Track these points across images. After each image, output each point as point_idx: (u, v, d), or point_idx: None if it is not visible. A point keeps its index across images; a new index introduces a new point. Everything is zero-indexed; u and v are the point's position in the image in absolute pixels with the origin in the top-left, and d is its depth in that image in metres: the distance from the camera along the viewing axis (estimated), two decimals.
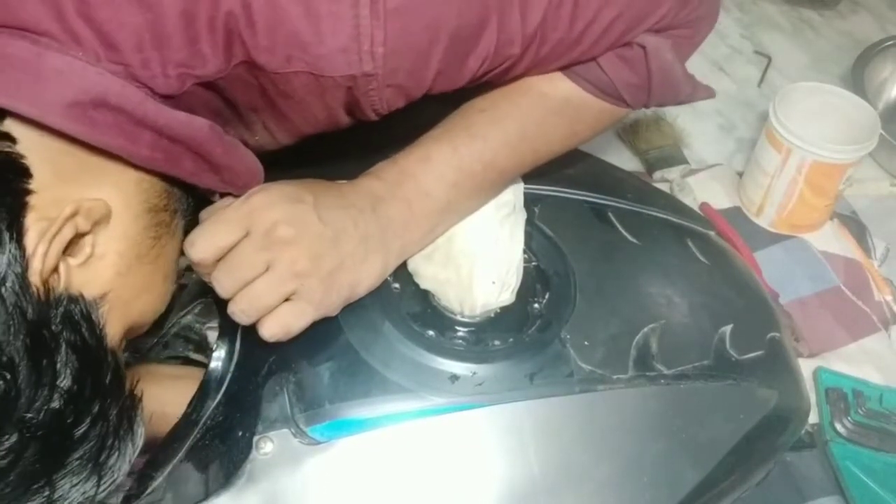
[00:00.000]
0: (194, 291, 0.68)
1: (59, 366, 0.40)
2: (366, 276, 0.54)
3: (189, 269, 0.70)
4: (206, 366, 0.56)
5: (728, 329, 0.62)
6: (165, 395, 0.56)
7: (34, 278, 0.40)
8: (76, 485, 0.41)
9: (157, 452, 0.52)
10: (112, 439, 0.43)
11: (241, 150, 0.51)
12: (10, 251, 0.39)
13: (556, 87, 0.58)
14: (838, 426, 0.72)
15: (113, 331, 0.46)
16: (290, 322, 0.51)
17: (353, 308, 0.55)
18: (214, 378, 0.55)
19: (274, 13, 0.44)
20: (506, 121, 0.58)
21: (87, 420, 0.41)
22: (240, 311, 0.50)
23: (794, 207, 0.88)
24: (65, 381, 0.40)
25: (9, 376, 0.38)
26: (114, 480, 0.43)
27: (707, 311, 0.63)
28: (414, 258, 0.59)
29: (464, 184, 0.57)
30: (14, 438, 0.38)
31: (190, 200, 0.53)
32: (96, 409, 0.42)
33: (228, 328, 0.56)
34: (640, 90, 0.58)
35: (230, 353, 0.56)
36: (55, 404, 0.40)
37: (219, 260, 0.50)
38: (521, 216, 0.62)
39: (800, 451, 0.71)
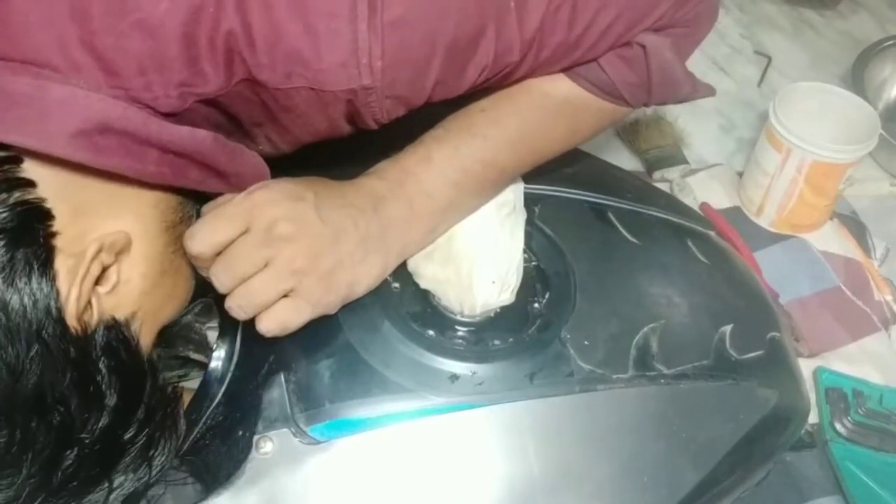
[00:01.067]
0: (194, 291, 0.68)
1: (104, 388, 0.44)
2: (365, 275, 0.54)
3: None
4: (206, 366, 0.56)
5: (728, 329, 0.62)
6: None
7: (71, 321, 0.43)
8: (131, 476, 0.46)
9: None
10: (159, 434, 0.47)
11: (246, 155, 0.52)
12: (47, 297, 0.41)
13: (557, 87, 0.58)
14: (838, 426, 0.72)
15: (146, 341, 0.49)
16: (287, 319, 0.51)
17: (353, 308, 0.55)
18: (214, 378, 0.55)
19: (273, 31, 0.44)
20: (506, 120, 0.58)
21: (135, 426, 0.46)
22: (237, 307, 0.50)
23: (794, 207, 0.88)
24: (111, 401, 0.44)
25: (62, 409, 0.42)
26: (163, 466, 0.48)
27: (707, 311, 0.63)
28: (414, 258, 0.59)
29: (465, 183, 0.57)
30: (73, 454, 0.42)
31: (197, 206, 0.54)
32: (142, 415, 0.46)
33: (228, 328, 0.56)
34: (640, 89, 0.59)
35: (230, 353, 0.56)
36: (105, 421, 0.44)
37: (218, 254, 0.50)
38: (521, 216, 0.62)
39: (800, 451, 0.71)
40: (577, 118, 0.60)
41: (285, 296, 0.51)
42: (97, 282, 0.45)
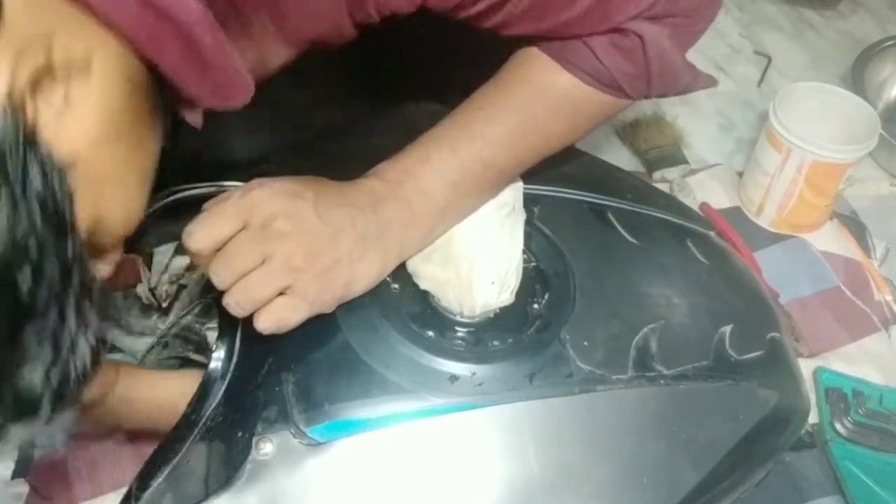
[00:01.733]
0: (194, 292, 0.68)
1: (18, 203, 0.35)
2: (362, 274, 0.54)
3: (189, 268, 0.70)
4: (206, 366, 0.56)
5: (728, 329, 0.62)
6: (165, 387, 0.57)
7: None
8: (37, 350, 0.37)
9: (157, 452, 0.52)
10: (73, 309, 0.38)
11: (234, 57, 0.47)
12: None
13: (556, 82, 0.58)
14: (838, 426, 0.72)
15: (81, 213, 0.40)
16: (284, 316, 0.51)
17: (353, 308, 0.55)
18: (214, 378, 0.55)
19: None
20: (504, 117, 0.58)
21: (45, 281, 0.36)
22: (234, 303, 0.50)
23: (794, 207, 0.88)
24: (21, 227, 0.35)
25: None
26: (76, 366, 0.39)
27: (707, 311, 0.63)
28: (413, 258, 0.59)
29: (464, 183, 0.57)
30: None
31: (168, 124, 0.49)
32: (56, 273, 0.37)
33: (228, 328, 0.56)
34: (639, 80, 0.58)
35: (230, 353, 0.56)
36: (7, 249, 0.35)
37: (217, 251, 0.50)
38: (521, 216, 0.62)
39: (800, 451, 0.70)
40: (577, 112, 0.60)
41: (283, 294, 0.51)
42: (42, 92, 0.38)
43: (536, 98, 0.58)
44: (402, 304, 0.59)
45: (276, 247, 0.50)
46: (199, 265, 0.52)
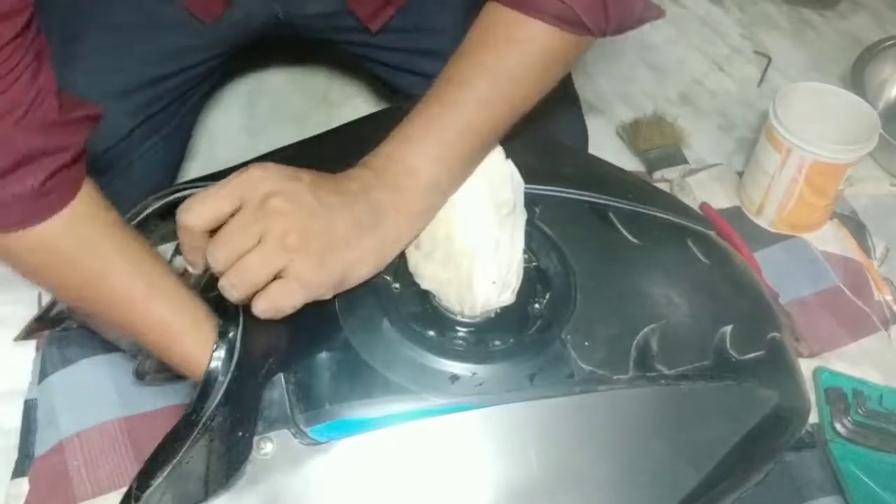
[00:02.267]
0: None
1: None
2: (358, 261, 0.54)
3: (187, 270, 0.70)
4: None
5: (728, 329, 0.62)
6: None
7: None
8: None
9: (157, 452, 0.52)
10: None
11: None
12: None
13: (519, 33, 0.59)
14: (838, 426, 0.72)
15: None
16: (280, 300, 0.51)
17: (354, 308, 0.55)
18: (214, 378, 0.55)
19: None
20: (474, 81, 0.58)
21: None
22: (230, 286, 0.51)
23: (794, 207, 0.88)
24: None
25: None
26: None
27: (707, 311, 0.63)
28: (414, 257, 0.59)
29: (446, 155, 0.58)
30: None
31: None
32: None
33: (228, 328, 0.56)
34: (595, 10, 0.59)
35: (230, 353, 0.55)
36: None
37: (211, 235, 0.51)
38: (522, 216, 0.62)
39: (800, 451, 0.71)
40: (546, 58, 0.61)
41: (279, 277, 0.51)
42: None
43: (503, 54, 0.59)
44: (403, 303, 0.59)
45: (272, 224, 0.50)
46: (189, 250, 0.52)
